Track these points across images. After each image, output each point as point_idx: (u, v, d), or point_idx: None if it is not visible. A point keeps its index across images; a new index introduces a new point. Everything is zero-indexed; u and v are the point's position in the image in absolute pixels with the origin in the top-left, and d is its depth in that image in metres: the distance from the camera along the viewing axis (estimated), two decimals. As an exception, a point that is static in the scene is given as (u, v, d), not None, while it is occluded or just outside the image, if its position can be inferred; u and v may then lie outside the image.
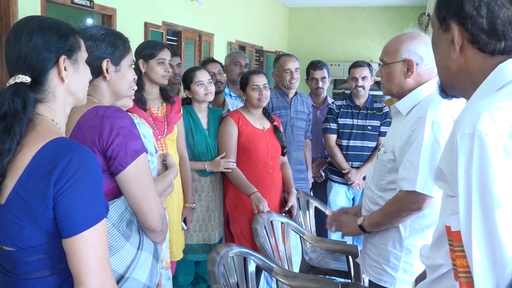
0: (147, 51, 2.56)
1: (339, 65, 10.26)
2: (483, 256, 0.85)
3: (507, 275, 0.84)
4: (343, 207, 2.35)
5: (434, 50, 1.14)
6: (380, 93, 5.54)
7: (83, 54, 1.27)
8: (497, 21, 0.96)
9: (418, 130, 1.76)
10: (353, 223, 2.00)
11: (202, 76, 2.87)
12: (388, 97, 5.19)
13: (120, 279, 1.41)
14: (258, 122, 3.00)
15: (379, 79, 2.01)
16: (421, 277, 1.49)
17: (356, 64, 3.71)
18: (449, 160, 0.96)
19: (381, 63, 1.95)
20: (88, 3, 4.44)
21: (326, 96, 4.12)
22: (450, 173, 0.97)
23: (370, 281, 2.02)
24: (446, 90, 1.15)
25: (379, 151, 1.98)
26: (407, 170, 1.76)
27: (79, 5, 4.34)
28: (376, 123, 3.62)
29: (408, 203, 1.77)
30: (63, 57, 1.18)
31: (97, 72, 1.54)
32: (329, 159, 3.85)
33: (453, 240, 0.92)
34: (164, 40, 5.70)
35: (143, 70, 2.55)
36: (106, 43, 1.56)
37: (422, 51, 1.83)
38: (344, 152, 3.62)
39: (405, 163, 1.78)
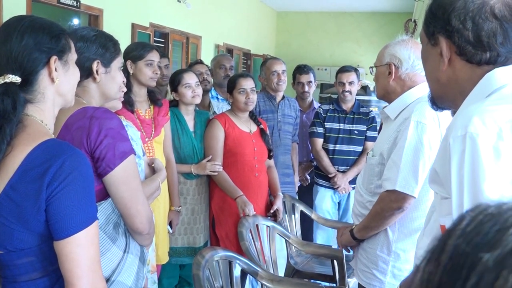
0: (135, 52, 2.55)
1: (326, 69, 10.34)
2: None
3: None
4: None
5: (424, 64, 1.19)
6: (366, 97, 5.57)
7: (73, 55, 1.26)
8: (482, 33, 1.01)
9: (403, 131, 1.79)
10: (347, 232, 2.04)
11: (190, 78, 2.86)
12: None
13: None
14: (245, 125, 3.00)
15: (366, 84, 2.05)
16: (406, 281, 1.51)
17: (343, 69, 3.73)
18: (443, 163, 1.00)
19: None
20: (74, 3, 4.40)
21: (312, 100, 4.14)
22: (444, 175, 1.00)
23: (359, 286, 2.03)
24: (437, 102, 1.19)
25: (367, 155, 2.00)
26: (390, 170, 1.79)
27: (65, 5, 4.30)
28: (363, 127, 3.64)
29: (389, 202, 1.79)
30: (54, 58, 1.17)
31: (87, 73, 1.53)
32: (315, 163, 3.87)
33: None
34: (151, 41, 5.68)
35: (131, 71, 2.53)
36: (97, 45, 1.55)
37: (402, 54, 1.87)
38: (330, 156, 3.64)
39: (389, 163, 1.81)
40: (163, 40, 6.25)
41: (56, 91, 1.20)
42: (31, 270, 1.11)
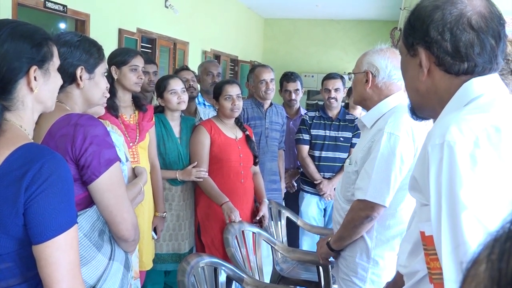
0: (120, 57, 2.54)
1: (313, 76, 10.39)
2: (451, 253, 0.91)
3: None
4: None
5: (403, 75, 1.21)
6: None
7: (55, 62, 1.25)
8: (459, 44, 1.03)
9: (376, 141, 1.82)
10: (324, 244, 2.07)
11: (176, 84, 2.86)
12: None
13: None
14: (231, 132, 3.00)
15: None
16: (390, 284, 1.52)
17: (329, 76, 3.75)
18: (422, 170, 1.01)
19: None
20: (61, 8, 4.37)
21: (299, 107, 4.16)
22: (423, 183, 1.02)
23: None
24: (417, 112, 1.21)
25: (345, 163, 2.03)
26: (362, 180, 1.83)
27: (51, 9, 4.27)
28: (348, 134, 3.66)
29: (358, 210, 1.83)
30: (34, 68, 1.15)
31: (70, 79, 1.51)
32: (301, 169, 3.88)
33: (427, 244, 0.99)
34: (139, 47, 5.66)
35: (115, 77, 2.52)
36: (81, 50, 1.53)
37: (380, 63, 1.90)
38: (316, 163, 3.65)
39: (362, 173, 1.84)
40: (150, 46, 6.23)
41: (35, 99, 1.18)
42: (9, 276, 1.09)
